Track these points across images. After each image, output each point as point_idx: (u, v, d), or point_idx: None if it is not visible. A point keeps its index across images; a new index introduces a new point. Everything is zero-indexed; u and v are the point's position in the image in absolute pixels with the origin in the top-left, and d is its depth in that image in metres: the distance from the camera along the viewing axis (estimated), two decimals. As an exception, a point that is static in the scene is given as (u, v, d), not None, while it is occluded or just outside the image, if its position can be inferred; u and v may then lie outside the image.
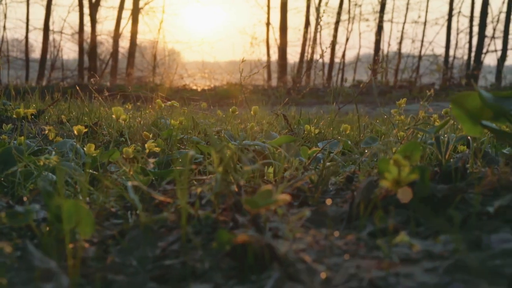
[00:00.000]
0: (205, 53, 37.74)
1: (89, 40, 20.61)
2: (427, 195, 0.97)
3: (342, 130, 1.97)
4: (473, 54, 19.89)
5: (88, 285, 0.77)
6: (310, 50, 19.74)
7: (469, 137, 1.53)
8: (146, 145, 1.61)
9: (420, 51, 21.00)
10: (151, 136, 1.99)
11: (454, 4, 20.46)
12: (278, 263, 0.73)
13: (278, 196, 0.77)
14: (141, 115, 2.48)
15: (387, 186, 0.94)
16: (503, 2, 18.72)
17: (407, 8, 20.81)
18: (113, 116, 1.57)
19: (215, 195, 0.93)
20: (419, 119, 1.84)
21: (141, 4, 20.86)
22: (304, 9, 20.90)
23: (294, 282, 0.72)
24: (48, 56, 20.76)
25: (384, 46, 23.51)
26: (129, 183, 0.93)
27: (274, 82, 19.67)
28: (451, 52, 20.59)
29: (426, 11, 22.78)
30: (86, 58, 20.68)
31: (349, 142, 1.81)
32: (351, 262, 0.77)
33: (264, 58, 20.93)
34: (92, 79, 3.22)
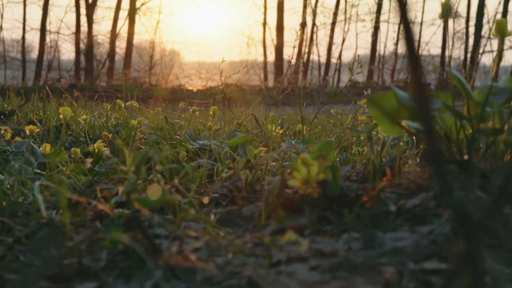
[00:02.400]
0: (202, 53, 37.70)
1: (86, 41, 20.61)
2: (338, 194, 0.97)
3: (297, 130, 1.98)
4: (469, 54, 19.89)
5: (-19, 284, 0.78)
6: (306, 50, 19.75)
7: (414, 137, 1.53)
8: (95, 145, 1.62)
9: (417, 52, 20.98)
10: (110, 136, 1.99)
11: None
12: (163, 262, 0.74)
13: (169, 196, 0.77)
14: (106, 115, 2.49)
15: (296, 185, 0.95)
16: (499, 3, 18.72)
17: (403, 9, 20.78)
18: (61, 116, 1.59)
19: (127, 194, 0.93)
20: (355, 120, 1.85)
21: (137, 4, 20.87)
22: (301, 9, 20.89)
23: (176, 281, 0.72)
24: (45, 57, 20.76)
25: (380, 47, 23.52)
26: (37, 182, 0.93)
27: (271, 82, 19.65)
28: (448, 53, 20.56)
29: (423, 12, 22.88)
30: (83, 58, 20.67)
31: (293, 143, 1.81)
32: (240, 260, 0.77)
33: (261, 59, 20.93)
34: (62, 79, 3.23)
